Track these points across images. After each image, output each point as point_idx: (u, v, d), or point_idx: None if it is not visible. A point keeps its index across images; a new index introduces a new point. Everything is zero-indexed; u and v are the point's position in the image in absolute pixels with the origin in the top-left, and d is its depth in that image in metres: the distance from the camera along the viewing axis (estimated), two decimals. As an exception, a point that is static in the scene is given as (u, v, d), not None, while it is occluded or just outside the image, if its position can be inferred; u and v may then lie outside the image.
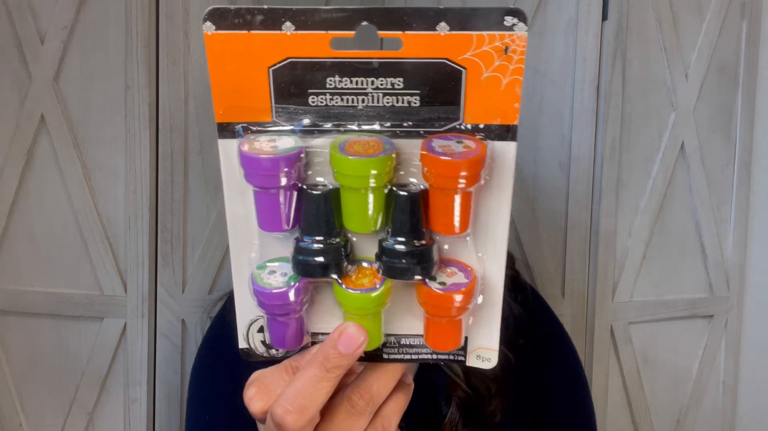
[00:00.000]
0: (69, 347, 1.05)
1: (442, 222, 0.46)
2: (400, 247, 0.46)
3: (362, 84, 0.46)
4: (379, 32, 0.44)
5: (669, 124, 1.15)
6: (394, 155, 0.45)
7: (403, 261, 0.46)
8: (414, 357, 0.50)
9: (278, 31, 0.45)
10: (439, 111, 0.46)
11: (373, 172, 0.44)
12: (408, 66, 0.45)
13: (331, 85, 0.46)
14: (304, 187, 0.46)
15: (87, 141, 1.02)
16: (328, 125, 0.46)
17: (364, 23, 0.44)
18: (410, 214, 0.46)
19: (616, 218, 1.11)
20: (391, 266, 0.46)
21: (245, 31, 0.47)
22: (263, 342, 0.51)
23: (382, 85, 0.45)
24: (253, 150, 0.45)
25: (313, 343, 0.50)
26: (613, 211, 1.10)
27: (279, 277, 0.47)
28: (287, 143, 0.46)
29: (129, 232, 1.02)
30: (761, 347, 1.29)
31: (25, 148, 1.02)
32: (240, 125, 0.47)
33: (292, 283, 0.47)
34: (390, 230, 0.47)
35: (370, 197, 0.45)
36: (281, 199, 0.46)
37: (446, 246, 0.48)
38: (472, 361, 0.50)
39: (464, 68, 0.45)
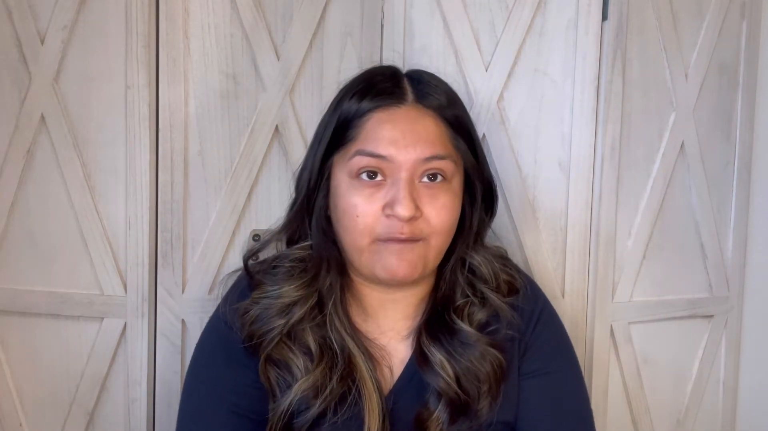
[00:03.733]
0: (69, 347, 1.05)
1: None
2: None
3: None
4: None
5: (669, 124, 1.15)
6: None
7: None
8: None
9: None
10: None
11: None
12: None
13: None
14: None
15: (87, 141, 1.02)
16: None
17: None
18: None
19: (616, 218, 1.11)
20: None
21: None
22: None
23: None
24: None
25: None
26: (613, 211, 1.10)
27: None
28: None
29: (129, 232, 1.02)
30: (761, 347, 1.29)
31: (25, 148, 1.03)
32: None
33: None
34: None
35: None
36: None
37: None
38: None
39: None
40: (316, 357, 0.81)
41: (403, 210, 0.76)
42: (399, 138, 0.78)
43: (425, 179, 0.79)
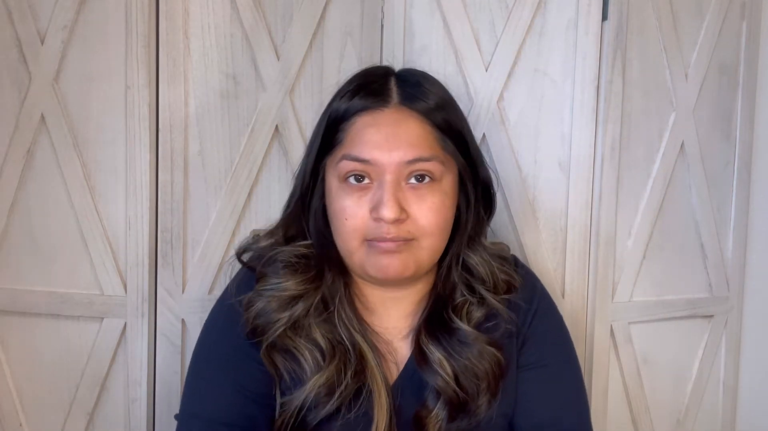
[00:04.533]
0: (69, 347, 1.05)
1: None
2: None
3: None
4: None
5: (669, 124, 1.15)
6: None
7: None
8: None
9: None
10: None
11: None
12: None
13: None
14: None
15: (87, 141, 1.02)
16: None
17: None
18: None
19: (616, 218, 1.11)
20: None
21: None
22: None
23: None
24: None
25: None
26: (613, 211, 1.10)
27: None
28: None
29: (129, 232, 1.02)
30: (761, 347, 1.29)
31: (25, 148, 1.03)
32: None
33: None
34: None
35: None
36: None
37: None
38: None
39: None
40: (327, 354, 0.81)
41: (388, 212, 0.77)
42: (383, 142, 0.78)
43: (412, 180, 0.80)
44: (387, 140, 0.78)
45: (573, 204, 1.08)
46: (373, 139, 0.79)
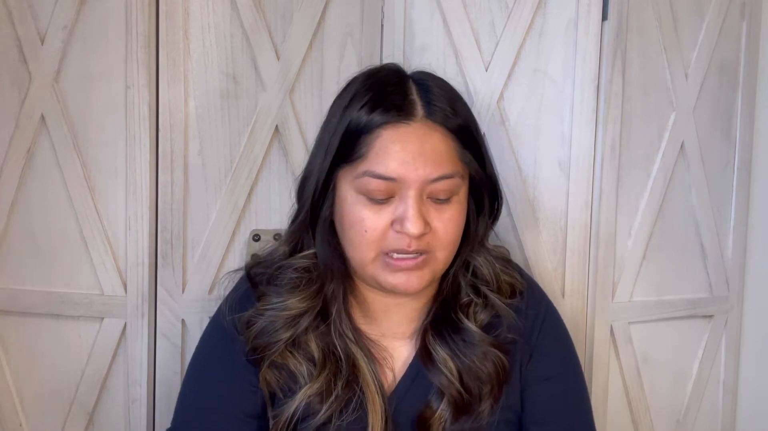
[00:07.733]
0: (69, 347, 1.05)
1: None
2: None
3: None
4: None
5: (669, 124, 1.15)
6: None
7: None
8: None
9: None
10: None
11: None
12: None
13: None
14: None
15: (87, 141, 1.02)
16: None
17: None
18: None
19: (616, 218, 1.11)
20: None
21: None
22: None
23: None
24: None
25: None
26: (613, 211, 1.10)
27: None
28: None
29: (129, 232, 1.02)
30: (761, 347, 1.29)
31: (25, 148, 1.03)
32: None
33: None
34: None
35: None
36: None
37: None
38: None
39: None
40: (318, 364, 0.81)
41: (413, 227, 0.76)
42: (409, 160, 0.77)
43: (434, 200, 0.79)
44: (414, 158, 0.77)
45: (573, 204, 1.08)
46: (399, 156, 0.77)
